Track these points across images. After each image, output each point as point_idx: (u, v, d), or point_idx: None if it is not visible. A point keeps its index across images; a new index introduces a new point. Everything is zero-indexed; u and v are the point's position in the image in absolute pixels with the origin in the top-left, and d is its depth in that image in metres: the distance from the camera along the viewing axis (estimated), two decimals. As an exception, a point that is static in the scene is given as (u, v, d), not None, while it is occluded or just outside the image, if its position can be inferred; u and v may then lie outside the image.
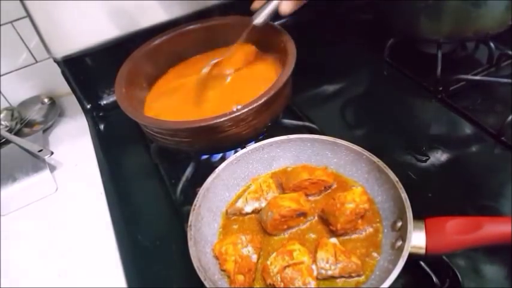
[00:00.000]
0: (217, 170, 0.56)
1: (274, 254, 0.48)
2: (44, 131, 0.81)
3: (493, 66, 0.77)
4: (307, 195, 0.56)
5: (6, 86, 0.85)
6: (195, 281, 0.45)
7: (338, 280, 0.47)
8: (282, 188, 0.57)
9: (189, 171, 0.63)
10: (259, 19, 0.62)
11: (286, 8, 0.58)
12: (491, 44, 0.76)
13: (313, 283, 0.46)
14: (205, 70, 0.68)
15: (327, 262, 0.47)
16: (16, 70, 0.84)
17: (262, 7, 0.62)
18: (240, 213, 0.56)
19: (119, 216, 0.62)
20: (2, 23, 0.78)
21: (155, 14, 0.76)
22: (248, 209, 0.55)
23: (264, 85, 0.59)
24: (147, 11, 0.75)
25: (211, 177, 0.56)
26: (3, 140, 0.79)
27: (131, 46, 0.73)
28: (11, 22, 0.79)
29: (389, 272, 0.43)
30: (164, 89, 0.73)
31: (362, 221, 0.51)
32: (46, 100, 0.87)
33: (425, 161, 0.63)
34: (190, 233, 0.49)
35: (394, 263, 0.43)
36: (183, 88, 0.73)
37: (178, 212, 0.60)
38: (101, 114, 0.85)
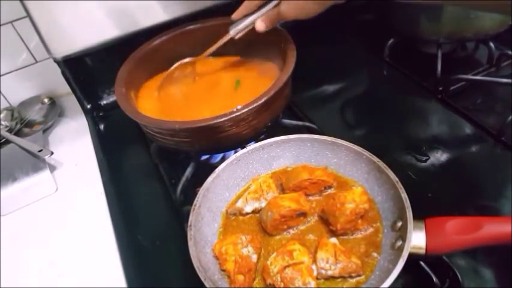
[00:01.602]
0: (217, 170, 0.56)
1: (274, 254, 0.48)
2: (44, 131, 0.81)
3: (493, 66, 0.77)
4: (307, 195, 0.56)
5: (6, 86, 0.85)
6: (195, 281, 0.45)
7: (338, 280, 0.47)
8: (282, 188, 0.57)
9: (189, 171, 0.63)
10: (235, 31, 0.63)
11: (261, 26, 0.60)
12: (491, 44, 0.76)
13: (313, 283, 0.46)
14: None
15: (327, 262, 0.47)
16: (16, 70, 0.84)
17: (240, 20, 0.62)
18: (240, 213, 0.56)
19: (119, 216, 0.62)
20: (2, 23, 0.78)
21: (155, 14, 0.76)
22: (248, 209, 0.55)
23: (264, 85, 0.59)
24: (147, 11, 0.75)
25: (211, 177, 0.56)
26: (3, 140, 0.79)
27: (131, 46, 0.73)
28: (11, 22, 0.79)
29: (389, 272, 0.43)
30: (164, 89, 0.73)
31: (362, 221, 0.51)
32: (46, 100, 0.87)
33: (425, 161, 0.63)
34: (190, 233, 0.49)
35: (394, 263, 0.43)
36: (183, 88, 0.73)
37: (178, 212, 0.60)
38: (101, 114, 0.85)
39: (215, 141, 0.60)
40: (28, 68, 0.85)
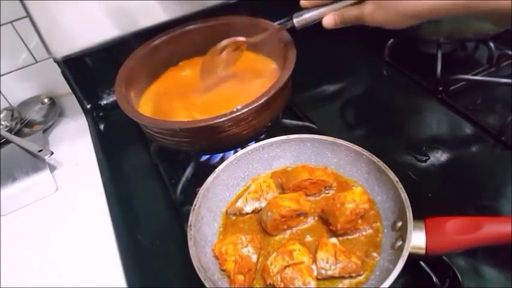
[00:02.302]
0: (217, 170, 0.56)
1: (274, 254, 0.48)
2: (44, 131, 0.81)
3: (493, 66, 0.77)
4: (307, 195, 0.56)
5: (6, 86, 0.85)
6: (195, 281, 0.45)
7: (338, 280, 0.47)
8: (282, 188, 0.57)
9: (189, 171, 0.63)
10: (298, 22, 0.56)
11: (329, 22, 0.53)
12: (491, 44, 0.76)
13: (313, 283, 0.46)
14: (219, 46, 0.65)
15: (327, 262, 0.47)
16: (16, 70, 0.84)
17: (309, 10, 0.55)
18: (240, 213, 0.56)
19: (119, 216, 0.62)
20: (2, 23, 0.78)
21: (155, 14, 0.76)
22: (248, 209, 0.55)
23: (264, 85, 0.59)
24: (147, 11, 0.75)
25: (211, 177, 0.56)
26: (3, 140, 0.79)
27: (131, 46, 0.73)
28: (11, 22, 0.79)
29: (389, 272, 0.43)
30: (164, 89, 0.73)
31: (362, 221, 0.51)
32: (46, 100, 0.87)
33: (425, 161, 0.63)
34: (190, 233, 0.49)
35: (394, 263, 0.43)
36: (183, 88, 0.73)
37: (178, 212, 0.60)
38: (101, 114, 0.85)
39: (215, 141, 0.60)
40: (28, 68, 0.85)
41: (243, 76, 0.71)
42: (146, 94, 0.72)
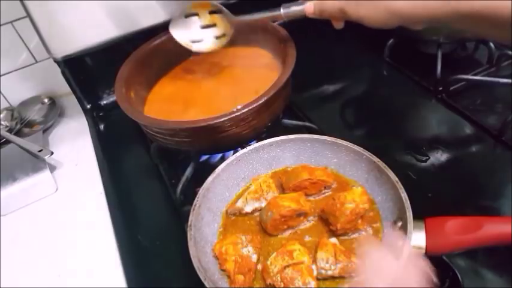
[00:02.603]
0: (217, 170, 0.56)
1: (274, 254, 0.48)
2: (44, 131, 0.82)
3: (493, 66, 0.77)
4: (307, 195, 0.56)
5: (6, 86, 0.85)
6: (195, 281, 0.45)
7: (338, 280, 0.47)
8: (282, 188, 0.57)
9: (189, 171, 0.63)
10: (285, 14, 0.58)
11: (308, 8, 0.54)
12: (491, 44, 0.76)
13: (313, 283, 0.46)
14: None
15: (327, 262, 0.47)
16: (16, 70, 0.84)
17: (298, 2, 0.56)
18: (240, 213, 0.56)
19: (119, 216, 0.62)
20: (2, 23, 0.78)
21: (155, 14, 0.76)
22: (248, 209, 0.55)
23: (264, 85, 0.59)
24: (147, 11, 0.75)
25: (211, 177, 0.56)
26: (3, 140, 0.79)
27: (131, 46, 0.73)
28: (11, 22, 0.79)
29: (390, 272, 0.43)
30: (164, 89, 0.73)
31: (362, 221, 0.51)
32: (46, 100, 0.88)
33: (425, 161, 0.63)
34: (190, 233, 0.49)
35: (394, 263, 0.43)
36: (183, 88, 0.73)
37: (179, 212, 0.60)
38: (101, 114, 0.85)
39: (215, 141, 0.60)
40: (28, 68, 0.85)
41: (244, 77, 0.71)
42: (149, 94, 0.72)
